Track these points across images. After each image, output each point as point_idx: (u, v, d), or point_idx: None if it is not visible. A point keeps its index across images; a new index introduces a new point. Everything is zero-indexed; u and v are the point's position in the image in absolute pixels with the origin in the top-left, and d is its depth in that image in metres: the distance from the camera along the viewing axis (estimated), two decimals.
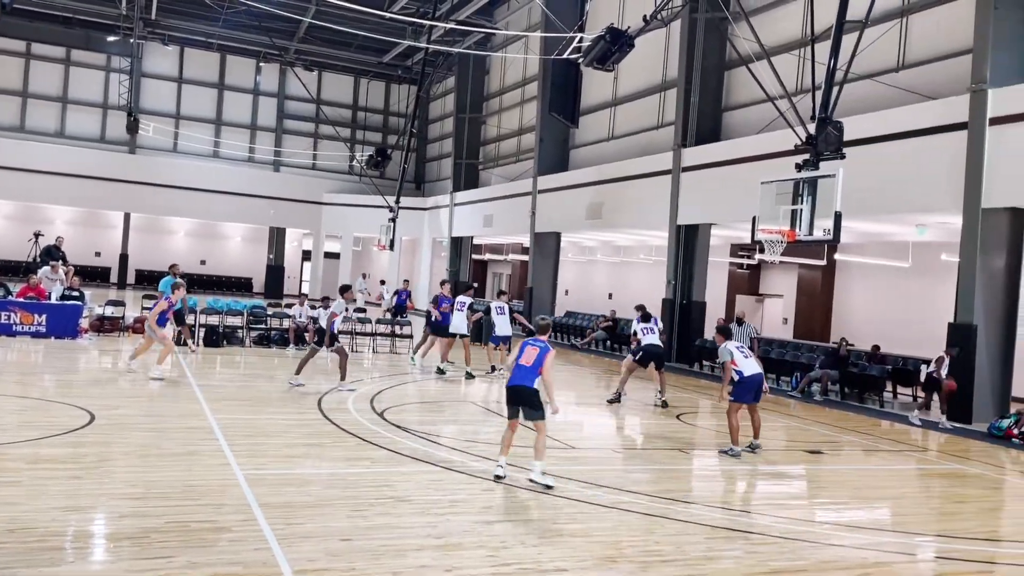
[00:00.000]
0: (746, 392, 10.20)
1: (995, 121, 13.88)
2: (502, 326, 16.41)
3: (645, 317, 14.33)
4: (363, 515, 6.53)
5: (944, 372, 14.00)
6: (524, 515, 6.83)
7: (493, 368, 16.33)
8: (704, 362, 20.73)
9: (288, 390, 12.49)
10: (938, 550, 7.03)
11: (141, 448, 8.31)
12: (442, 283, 18.33)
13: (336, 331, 13.23)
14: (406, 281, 18.09)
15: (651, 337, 13.97)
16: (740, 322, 18.36)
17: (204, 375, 13.95)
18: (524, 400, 7.92)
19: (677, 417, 12.97)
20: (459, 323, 16.19)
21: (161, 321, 13.38)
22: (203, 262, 40.67)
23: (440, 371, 15.91)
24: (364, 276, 35.86)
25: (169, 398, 11.63)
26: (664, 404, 13.65)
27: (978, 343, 14.11)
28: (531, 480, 7.79)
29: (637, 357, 13.90)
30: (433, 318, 16.63)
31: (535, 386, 7.94)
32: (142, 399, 11.32)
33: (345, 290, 13.68)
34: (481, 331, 19.78)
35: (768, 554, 6.32)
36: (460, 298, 16.66)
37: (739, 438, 10.16)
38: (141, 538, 5.64)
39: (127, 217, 38.93)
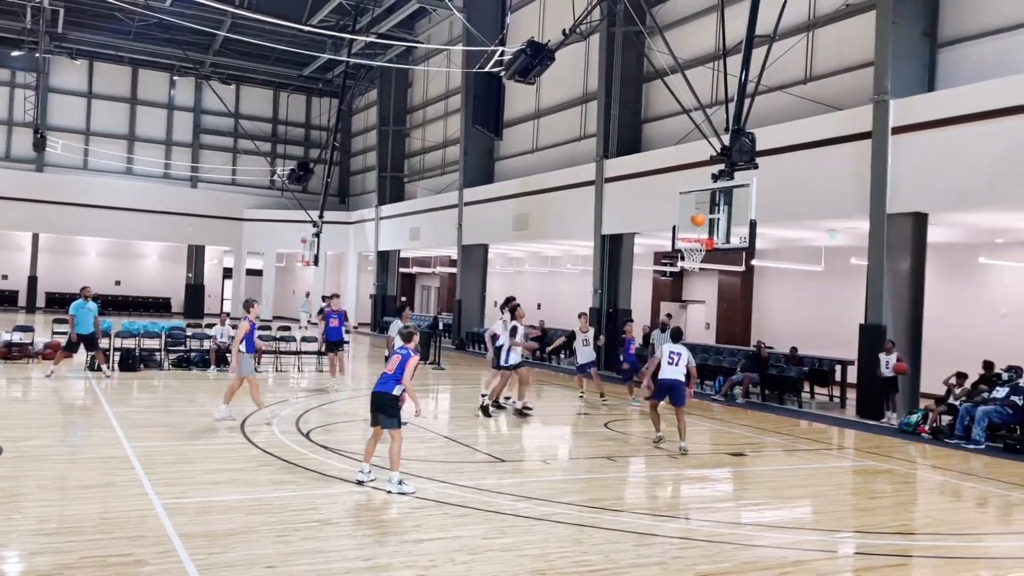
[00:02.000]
0: (658, 391, 11.34)
1: (897, 130, 14.58)
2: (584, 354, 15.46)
3: (676, 335, 11.67)
4: (288, 540, 6.39)
5: (890, 366, 14.46)
6: (454, 532, 6.80)
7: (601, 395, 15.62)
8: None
9: (227, 459, 11.25)
10: (855, 546, 7.29)
11: (54, 480, 7.95)
12: (330, 297, 17.09)
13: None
14: (335, 297, 17.02)
15: (673, 371, 11.02)
16: (664, 328, 18.56)
17: (120, 401, 13.45)
18: (381, 407, 8.05)
19: (605, 425, 13.13)
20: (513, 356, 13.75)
21: (249, 347, 11.72)
22: (118, 283, 39.35)
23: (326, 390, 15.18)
24: (308, 295, 35.01)
25: (83, 427, 11.19)
26: (684, 451, 10.99)
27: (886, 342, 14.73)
28: (389, 492, 7.82)
29: (649, 393, 11.83)
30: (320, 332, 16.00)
31: (395, 393, 8.06)
32: (55, 429, 10.85)
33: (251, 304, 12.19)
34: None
35: (693, 558, 6.45)
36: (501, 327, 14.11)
37: (660, 427, 11.51)
38: (54, 574, 5.40)
39: (35, 238, 37.34)
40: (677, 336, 11.75)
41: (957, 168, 13.68)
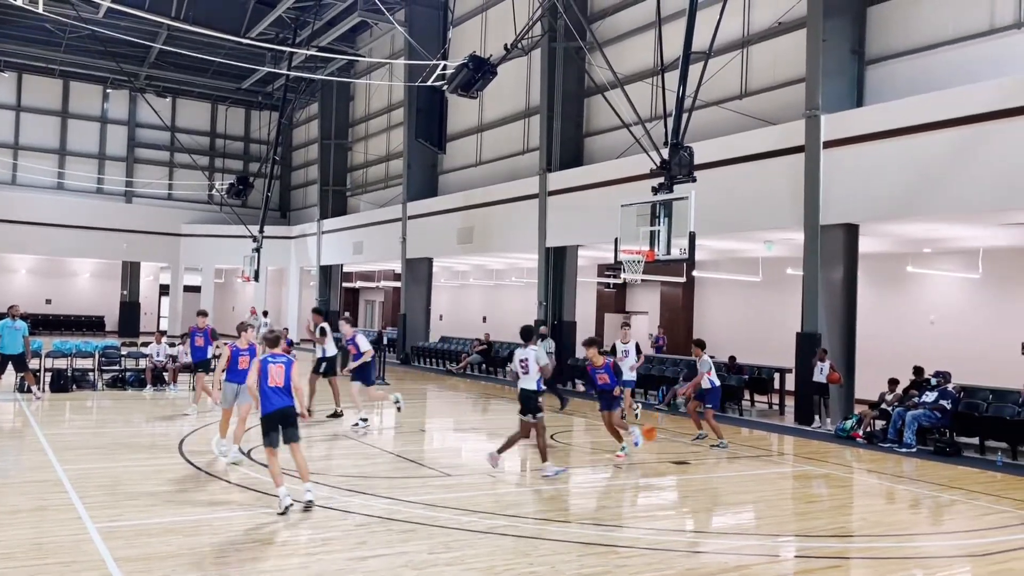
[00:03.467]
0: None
1: (828, 144, 15.05)
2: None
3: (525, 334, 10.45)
4: (228, 561, 6.26)
5: (824, 372, 14.85)
6: (399, 548, 6.74)
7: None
8: (576, 380, 21.18)
9: (206, 480, 10.52)
10: (795, 549, 7.46)
11: None
12: (199, 313, 16.16)
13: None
14: (203, 315, 15.92)
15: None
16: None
17: (51, 423, 13.00)
18: (289, 422, 7.84)
19: (551, 436, 13.16)
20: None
21: (234, 376, 10.58)
22: (48, 301, 38.08)
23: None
24: (265, 314, 33.59)
25: (12, 451, 10.78)
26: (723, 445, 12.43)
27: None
28: (308, 503, 7.79)
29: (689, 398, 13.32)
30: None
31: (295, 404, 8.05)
32: None
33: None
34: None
35: (637, 566, 6.51)
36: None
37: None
38: None
39: None
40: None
41: (885, 180, 14.18)
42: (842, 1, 15.55)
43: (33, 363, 16.18)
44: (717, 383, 12.85)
